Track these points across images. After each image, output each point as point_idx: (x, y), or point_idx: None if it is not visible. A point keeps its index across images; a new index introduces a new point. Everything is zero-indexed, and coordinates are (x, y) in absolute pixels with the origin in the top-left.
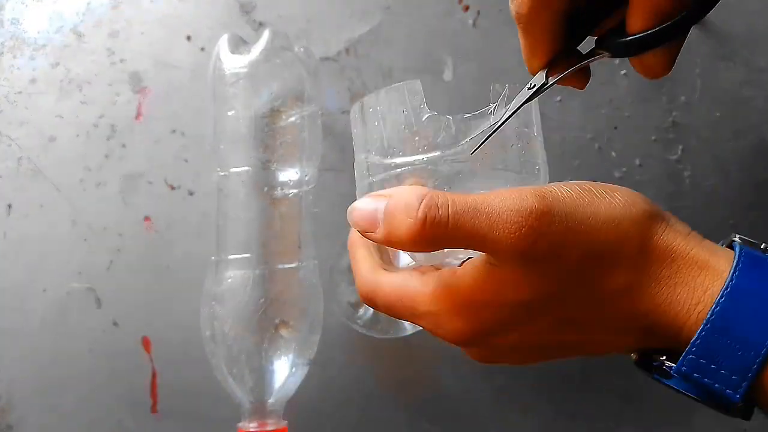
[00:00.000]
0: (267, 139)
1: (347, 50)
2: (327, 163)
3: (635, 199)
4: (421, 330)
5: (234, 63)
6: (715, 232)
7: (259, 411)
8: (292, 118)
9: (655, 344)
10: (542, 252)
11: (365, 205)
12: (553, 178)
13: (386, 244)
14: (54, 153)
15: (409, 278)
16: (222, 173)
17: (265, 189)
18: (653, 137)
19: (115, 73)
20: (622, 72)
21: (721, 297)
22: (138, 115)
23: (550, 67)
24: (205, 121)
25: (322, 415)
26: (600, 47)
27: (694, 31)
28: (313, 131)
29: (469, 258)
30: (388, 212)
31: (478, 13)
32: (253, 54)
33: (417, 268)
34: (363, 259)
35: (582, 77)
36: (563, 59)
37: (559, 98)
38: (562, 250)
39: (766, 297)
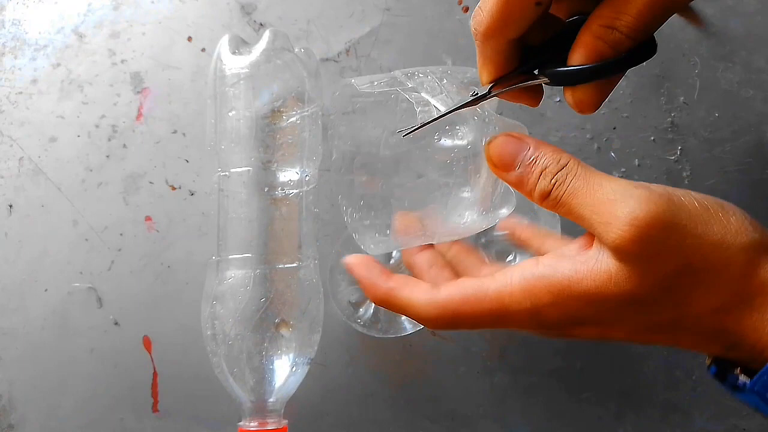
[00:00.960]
0: (268, 139)
1: (347, 51)
2: (327, 164)
3: (747, 227)
4: (421, 330)
5: (235, 64)
6: None
7: (260, 410)
8: (293, 119)
9: (738, 356)
10: (649, 256)
11: (511, 146)
12: None
13: (514, 186)
14: (55, 153)
15: (475, 285)
16: (223, 173)
17: (266, 189)
18: (652, 137)
19: (116, 73)
20: None
21: None
22: (139, 115)
23: (498, 82)
24: (206, 122)
25: (323, 415)
26: (541, 72)
27: (693, 32)
28: (313, 132)
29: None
30: (527, 162)
31: None
32: (253, 55)
33: (460, 282)
34: (408, 286)
35: (533, 96)
36: (511, 76)
37: (558, 99)
38: (669, 259)
39: None
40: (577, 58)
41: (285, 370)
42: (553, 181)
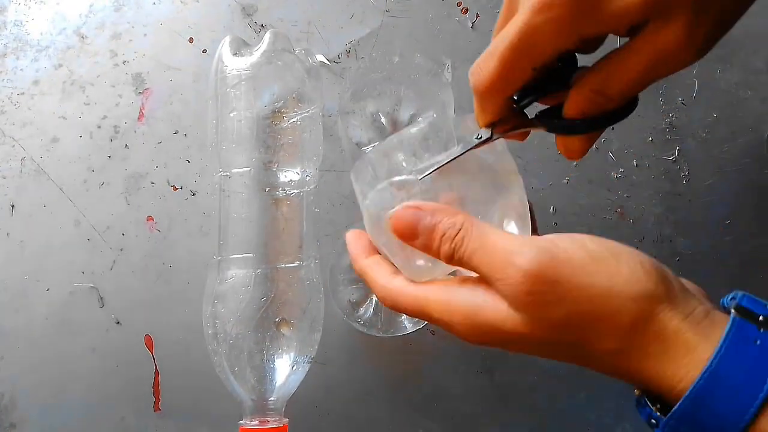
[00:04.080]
0: (268, 140)
1: (348, 52)
2: (327, 164)
3: (639, 277)
4: (421, 329)
5: (236, 65)
6: (711, 233)
7: (261, 408)
8: (294, 119)
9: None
10: (537, 306)
11: (409, 217)
12: (553, 178)
13: (422, 251)
14: (57, 154)
15: (412, 286)
16: (224, 174)
17: (267, 189)
18: (650, 138)
19: (117, 74)
20: None
21: (699, 380)
22: (140, 116)
23: (496, 124)
24: (207, 123)
25: (323, 413)
26: (539, 120)
27: None
28: (314, 132)
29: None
30: (427, 230)
31: (477, 15)
32: (254, 56)
33: (442, 281)
34: (376, 267)
35: (523, 134)
36: (509, 118)
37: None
38: (555, 309)
39: (741, 383)
40: (571, 113)
41: (286, 369)
42: (452, 245)
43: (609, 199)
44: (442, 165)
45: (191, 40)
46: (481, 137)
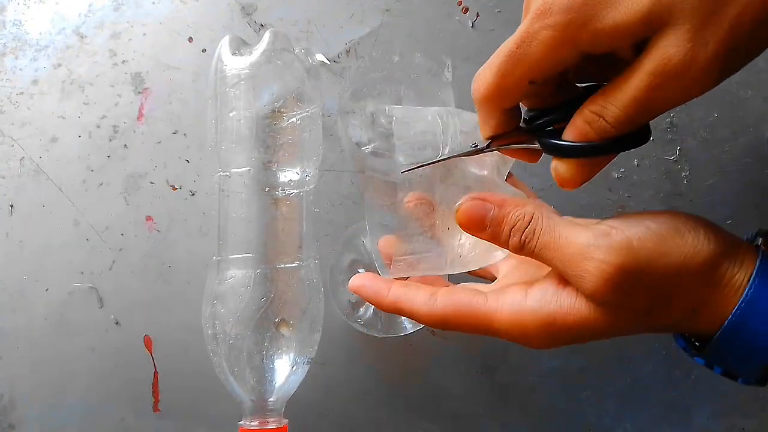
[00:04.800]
0: (268, 139)
1: (348, 52)
2: (327, 164)
3: (703, 243)
4: (421, 329)
5: (235, 64)
6: None
7: (260, 409)
8: (293, 119)
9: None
10: (621, 301)
11: (476, 209)
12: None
13: (489, 241)
14: (56, 153)
15: (467, 302)
16: (223, 174)
17: (266, 189)
18: (651, 137)
19: (117, 74)
20: None
21: (737, 309)
22: (140, 115)
23: (498, 138)
24: (207, 122)
25: (323, 414)
26: (539, 140)
27: None
28: (313, 132)
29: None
30: (495, 222)
31: (477, 14)
32: (254, 55)
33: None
34: (409, 296)
35: (533, 155)
36: (512, 135)
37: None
38: (639, 298)
39: None
40: (568, 136)
41: (285, 370)
42: (522, 237)
43: (610, 199)
44: (428, 164)
45: (190, 39)
46: (476, 146)
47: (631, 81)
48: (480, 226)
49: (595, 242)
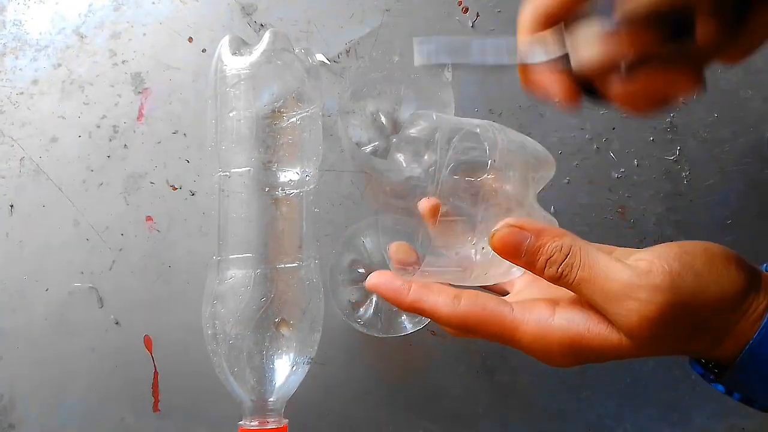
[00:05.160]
0: (268, 139)
1: (348, 52)
2: (327, 164)
3: (734, 275)
4: (421, 329)
5: (235, 64)
6: (712, 233)
7: (260, 409)
8: (293, 119)
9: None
10: (659, 338)
11: (512, 237)
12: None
13: (525, 268)
14: (56, 153)
15: (492, 309)
16: (223, 174)
17: (266, 189)
18: (651, 138)
19: (117, 74)
20: None
21: (756, 336)
22: (140, 115)
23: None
24: (207, 122)
25: (323, 414)
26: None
27: None
28: (313, 132)
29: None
30: (531, 251)
31: (477, 14)
32: (254, 55)
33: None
34: (431, 296)
35: (575, 98)
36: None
37: (557, 99)
38: (676, 335)
39: None
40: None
41: (285, 370)
42: (559, 270)
43: (610, 199)
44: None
45: (190, 39)
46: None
47: None
48: (515, 254)
49: (638, 281)
